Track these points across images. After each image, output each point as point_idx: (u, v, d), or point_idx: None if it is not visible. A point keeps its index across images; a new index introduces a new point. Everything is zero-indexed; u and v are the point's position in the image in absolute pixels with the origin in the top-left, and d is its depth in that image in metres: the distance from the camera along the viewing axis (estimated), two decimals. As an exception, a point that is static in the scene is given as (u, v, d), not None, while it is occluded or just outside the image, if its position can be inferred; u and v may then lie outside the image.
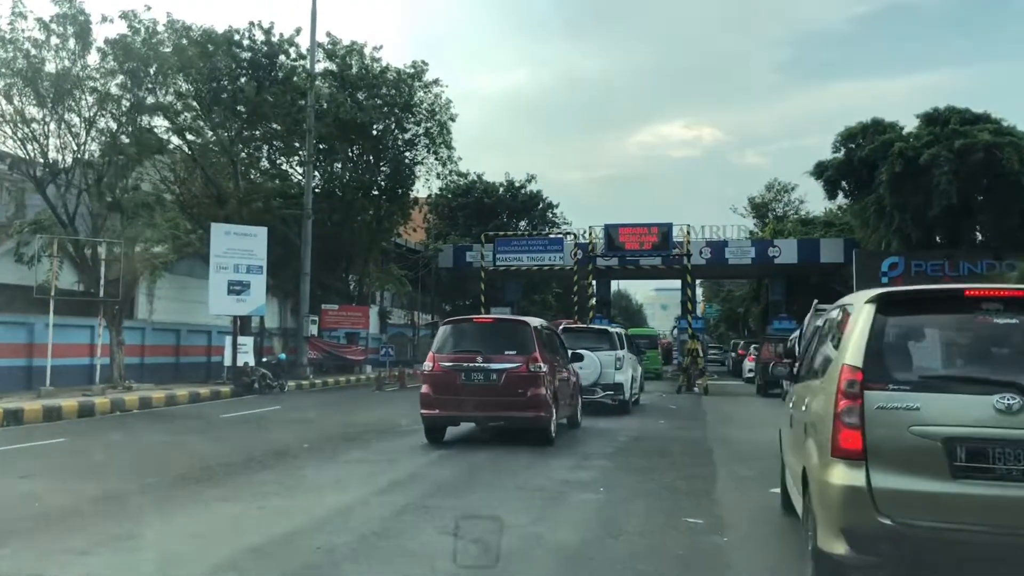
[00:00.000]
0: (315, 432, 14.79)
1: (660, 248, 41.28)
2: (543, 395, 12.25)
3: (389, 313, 47.58)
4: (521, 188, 56.59)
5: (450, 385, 12.28)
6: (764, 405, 23.94)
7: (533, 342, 12.57)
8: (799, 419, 6.85)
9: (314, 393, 27.86)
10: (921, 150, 37.13)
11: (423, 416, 12.61)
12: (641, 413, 19.66)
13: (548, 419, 12.37)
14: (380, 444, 12.97)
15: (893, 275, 40.12)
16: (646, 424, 16.73)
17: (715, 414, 19.60)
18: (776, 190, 62.52)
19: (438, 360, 12.53)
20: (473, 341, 12.74)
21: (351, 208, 37.65)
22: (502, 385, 12.09)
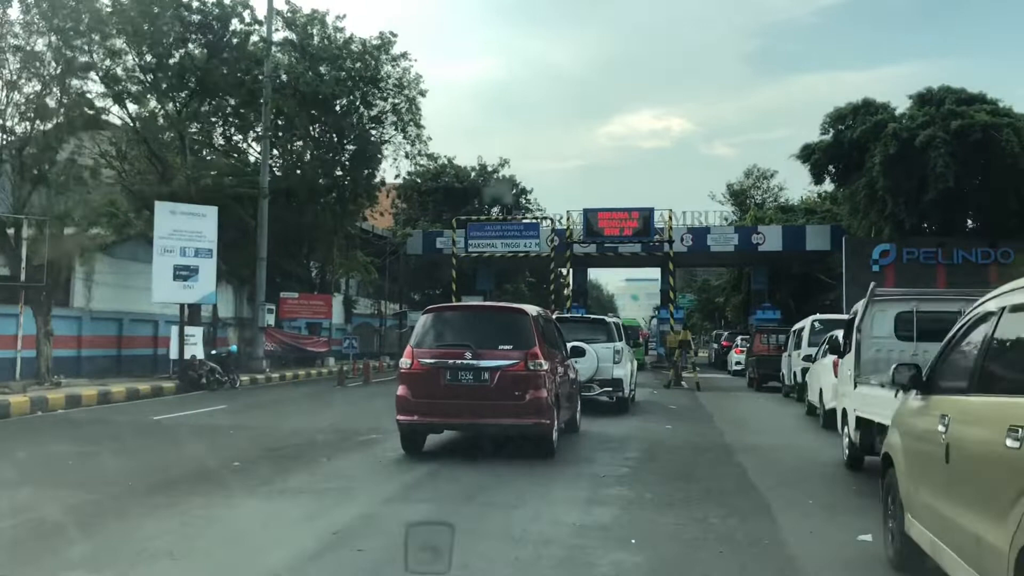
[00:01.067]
0: (256, 442, 12.07)
1: (641, 234, 38.70)
2: (544, 398, 10.10)
3: (354, 302, 44.65)
4: (493, 173, 53.90)
5: (432, 386, 10.13)
6: (768, 402, 21.66)
7: (532, 334, 10.35)
8: (970, 453, 4.28)
9: (269, 389, 25.03)
10: (916, 131, 34.89)
11: (399, 423, 10.39)
12: (641, 413, 17.19)
13: (550, 427, 10.26)
14: (333, 462, 10.21)
15: (884, 263, 37.95)
16: (651, 428, 14.23)
17: (721, 415, 17.15)
18: (755, 176, 60.31)
19: (418, 355, 10.31)
20: (460, 333, 10.51)
21: (312, 189, 34.68)
22: (495, 386, 9.95)
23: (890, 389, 8.27)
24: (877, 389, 9.08)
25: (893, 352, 10.03)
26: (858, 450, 9.81)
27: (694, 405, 19.42)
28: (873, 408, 9.03)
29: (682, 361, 26.55)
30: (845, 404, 10.53)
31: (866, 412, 9.33)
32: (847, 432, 10.26)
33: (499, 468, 9.60)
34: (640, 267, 54.94)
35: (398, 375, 10.56)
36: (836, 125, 39.09)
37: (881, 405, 8.70)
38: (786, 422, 16.71)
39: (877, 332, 10.19)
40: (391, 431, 12.71)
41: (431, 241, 44.18)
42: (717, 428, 14.39)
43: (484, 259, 41.22)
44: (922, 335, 9.91)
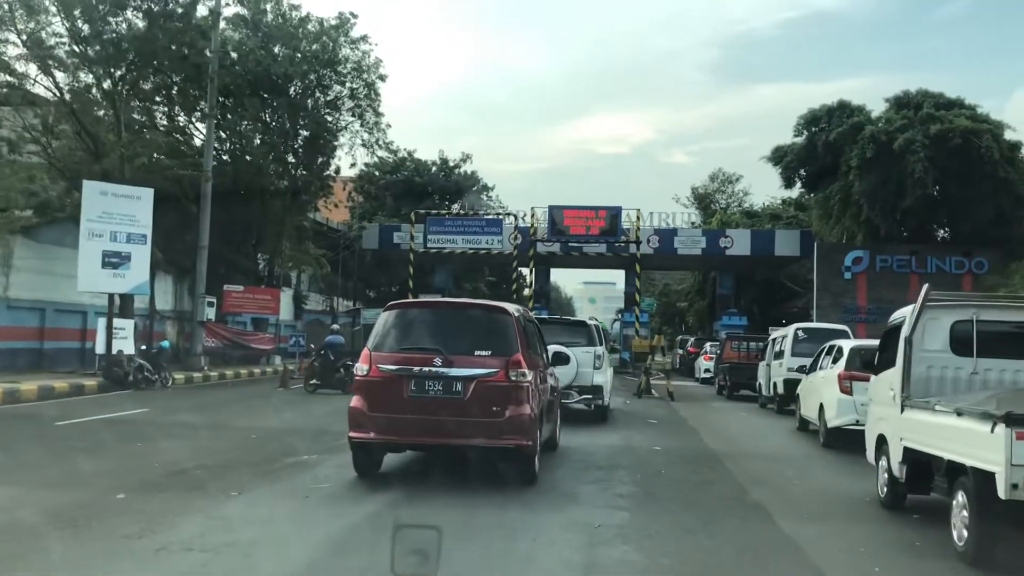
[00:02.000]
0: (161, 460, 9.73)
1: (608, 234, 36.75)
2: (527, 416, 8.42)
3: (305, 298, 42.05)
4: (455, 168, 51.62)
5: (393, 398, 8.35)
6: (750, 415, 19.84)
7: (515, 339, 8.63)
8: None
9: (203, 390, 22.53)
10: (894, 135, 33.36)
11: (351, 441, 8.55)
12: (620, 427, 15.20)
13: (532, 449, 8.59)
14: (246, 497, 7.88)
15: (857, 270, 36.45)
16: (637, 449, 12.17)
17: (707, 430, 15.19)
18: (720, 180, 58.70)
19: (377, 361, 8.49)
20: (429, 335, 8.77)
21: (262, 175, 32.16)
22: (469, 400, 8.26)
23: (973, 419, 6.44)
24: (942, 416, 7.10)
25: (948, 369, 8.27)
26: (902, 487, 8.11)
27: (674, 418, 17.39)
28: (932, 439, 7.29)
29: (654, 367, 24.52)
30: (884, 430, 8.64)
31: (920, 443, 7.56)
32: (887, 464, 8.44)
33: (466, 505, 7.41)
34: (605, 268, 52.95)
35: (354, 384, 8.89)
36: (810, 127, 37.47)
37: (946, 436, 6.90)
38: (781, 441, 14.84)
39: (928, 345, 8.29)
40: (332, 449, 10.57)
41: (388, 235, 41.69)
42: (711, 449, 12.34)
43: (443, 256, 38.92)
44: (983, 350, 8.17)
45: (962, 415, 6.68)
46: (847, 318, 36.12)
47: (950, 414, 6.95)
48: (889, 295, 36.39)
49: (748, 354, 27.11)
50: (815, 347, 18.51)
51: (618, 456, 11.09)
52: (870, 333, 35.39)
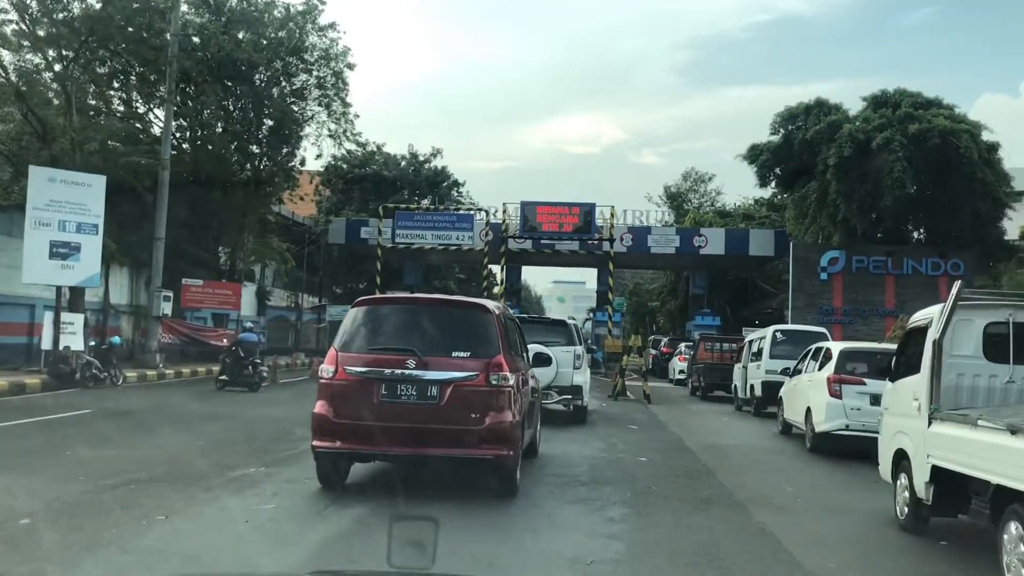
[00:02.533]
0: (88, 471, 8.49)
1: (581, 231, 35.75)
2: (509, 423, 7.65)
3: (269, 293, 40.65)
4: (425, 163, 50.36)
5: (362, 403, 7.57)
6: (731, 419, 18.96)
7: (496, 338, 7.85)
8: None
9: (155, 389, 21.17)
10: (873, 133, 32.66)
11: (315, 450, 7.77)
12: (600, 430, 14.26)
13: (514, 460, 7.85)
14: (180, 520, 6.67)
15: (833, 271, 35.72)
16: (619, 453, 11.21)
17: (691, 437, 14.19)
18: (693, 180, 57.92)
19: (344, 362, 7.71)
20: (402, 334, 7.97)
21: (223, 165, 30.78)
22: (446, 406, 7.53)
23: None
24: (988, 433, 6.12)
25: (980, 377, 7.48)
26: (927, 509, 7.19)
27: (654, 423, 16.37)
28: (972, 459, 6.34)
29: (626, 368, 23.45)
30: (904, 445, 7.69)
31: (954, 462, 6.62)
32: (907, 483, 7.50)
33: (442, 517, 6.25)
34: (578, 267, 51.91)
35: (318, 387, 7.93)
36: (786, 125, 36.69)
37: (994, 456, 5.96)
38: (769, 447, 13.93)
39: (959, 350, 7.45)
40: (284, 461, 9.44)
41: (355, 230, 40.30)
42: (699, 459, 11.30)
43: (412, 251, 37.69)
44: (1020, 356, 7.37)
45: (1018, 433, 5.69)
46: (822, 319, 35.42)
47: (999, 431, 5.95)
48: (865, 296, 35.85)
49: (722, 355, 26.79)
50: (793, 349, 18.27)
51: (602, 468, 10.02)
52: (846, 335, 34.79)
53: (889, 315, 35.13)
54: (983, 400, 7.27)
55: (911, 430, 7.48)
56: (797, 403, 14.28)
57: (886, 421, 8.48)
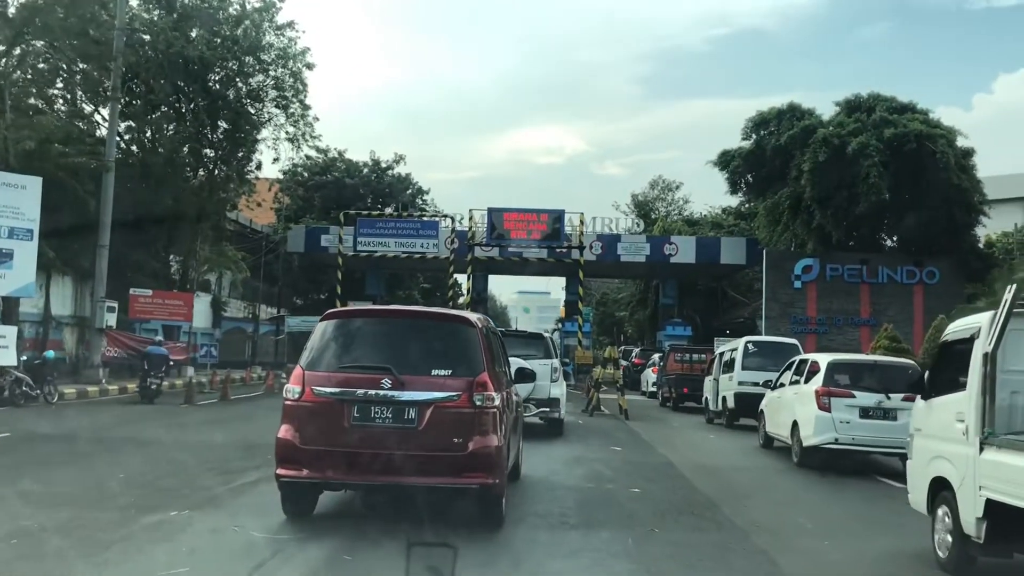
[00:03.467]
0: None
1: (550, 238, 34.44)
2: (494, 448, 6.92)
3: (225, 304, 38.75)
4: (388, 169, 48.78)
5: (332, 427, 6.84)
6: (717, 436, 17.62)
7: (479, 354, 7.13)
8: None
9: (91, 406, 19.34)
10: (848, 138, 31.73)
11: (279, 479, 7.01)
12: (581, 453, 12.82)
13: (500, 488, 7.10)
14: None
15: (807, 279, 34.71)
16: (608, 483, 9.78)
17: (677, 455, 12.97)
18: (660, 188, 56.89)
19: (312, 382, 6.97)
20: (376, 350, 7.25)
21: (174, 168, 29.03)
22: (425, 429, 6.79)
23: None
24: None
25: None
26: (976, 548, 6.19)
27: (637, 442, 15.00)
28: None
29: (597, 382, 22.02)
30: (946, 473, 6.66)
31: (1017, 497, 5.60)
32: (949, 517, 6.51)
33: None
34: (546, 275, 50.59)
35: (282, 408, 7.11)
36: (758, 130, 35.66)
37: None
38: (760, 465, 12.95)
39: (1012, 364, 6.39)
40: (214, 499, 7.94)
41: (315, 238, 38.54)
42: (697, 489, 9.92)
43: (375, 260, 36.05)
44: None
45: None
46: (797, 329, 34.40)
47: None
48: (840, 305, 34.86)
49: (692, 365, 26.30)
50: (765, 361, 18.17)
51: (593, 504, 8.60)
52: (820, 345, 33.74)
53: (864, 324, 34.22)
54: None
55: (955, 456, 6.46)
56: (782, 416, 13.68)
57: (919, 444, 7.40)
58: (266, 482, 8.90)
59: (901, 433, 11.00)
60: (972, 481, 6.13)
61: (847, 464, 12.17)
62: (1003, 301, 6.15)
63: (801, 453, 12.39)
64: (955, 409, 6.58)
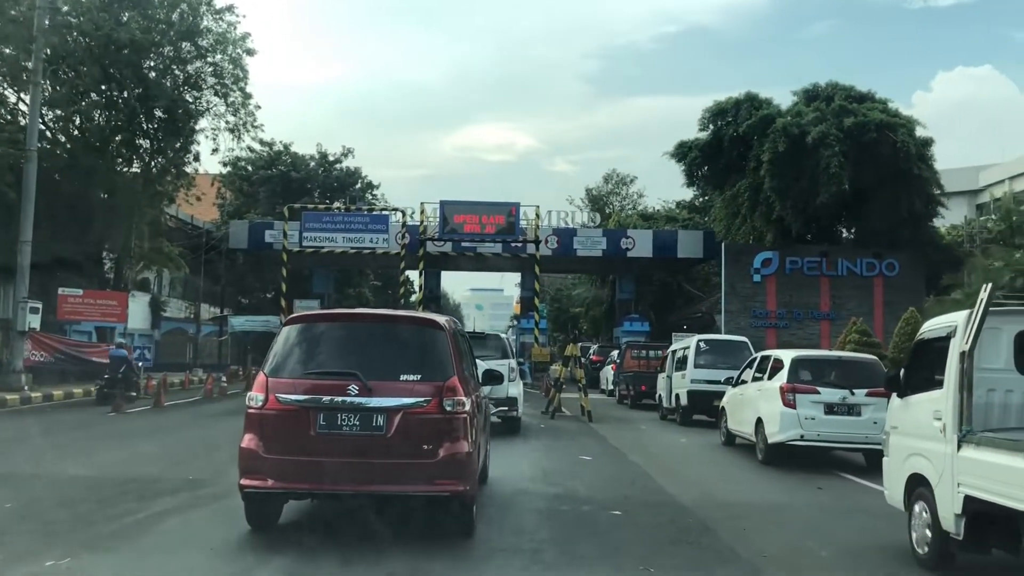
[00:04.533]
0: None
1: (505, 232, 33.01)
2: (465, 454, 6.72)
3: (164, 304, 36.78)
4: (336, 163, 47.04)
5: (297, 436, 6.61)
6: (674, 433, 16.70)
7: (449, 358, 6.95)
8: None
9: (11, 417, 17.53)
10: (807, 128, 30.90)
11: (243, 490, 6.73)
12: (548, 460, 11.75)
13: (471, 495, 6.89)
14: None
15: (766, 272, 33.87)
16: (582, 501, 8.54)
17: (651, 463, 11.79)
18: (615, 182, 55.92)
19: (275, 389, 6.71)
20: (342, 355, 7.05)
21: (105, 159, 27.13)
22: (394, 437, 6.56)
23: None
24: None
25: (1014, 394, 6.63)
26: (955, 544, 6.25)
27: (606, 449, 13.73)
28: (1016, 490, 5.44)
29: (560, 383, 20.76)
30: (923, 470, 6.69)
31: (998, 493, 5.68)
32: (927, 514, 6.55)
33: None
34: (501, 271, 49.28)
35: (245, 416, 6.85)
36: (715, 121, 34.69)
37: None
38: (742, 470, 11.92)
39: (987, 362, 6.57)
40: (115, 535, 6.49)
41: (259, 234, 36.66)
42: (684, 507, 8.67)
43: (322, 256, 34.34)
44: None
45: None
46: (757, 323, 33.59)
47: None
48: (800, 299, 34.07)
49: (649, 362, 25.46)
50: (717, 359, 18.58)
51: (570, 532, 7.31)
52: (781, 340, 32.94)
53: (824, 318, 33.51)
54: (1016, 419, 6.47)
55: (933, 454, 6.53)
56: (745, 414, 13.53)
57: (895, 442, 7.41)
58: (177, 513, 7.50)
59: (865, 429, 11.45)
60: (950, 478, 6.19)
61: (809, 461, 12.02)
62: (979, 300, 6.19)
63: (766, 450, 12.23)
64: (932, 407, 6.60)
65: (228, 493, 8.69)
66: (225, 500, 8.34)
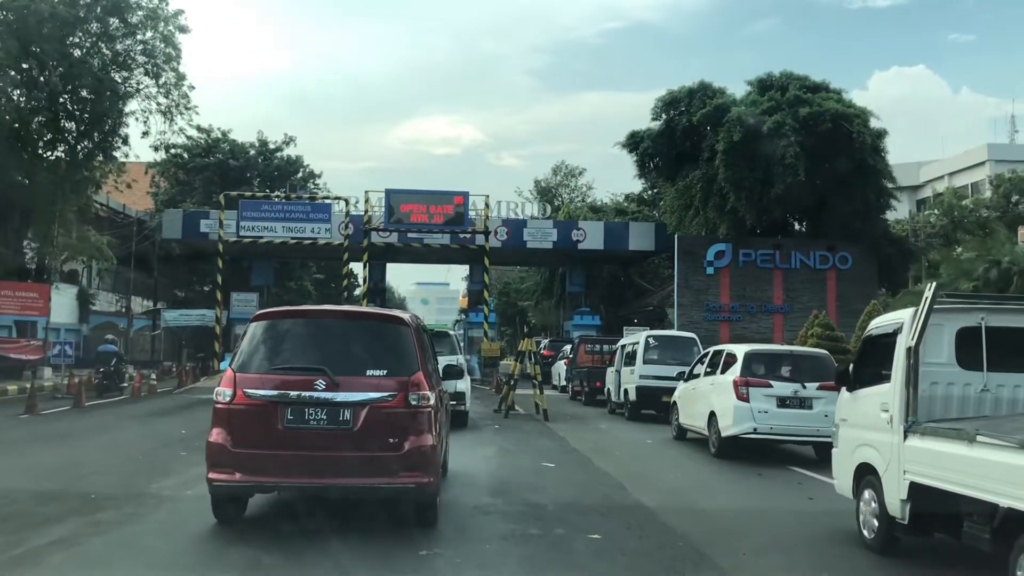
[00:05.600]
0: None
1: (454, 222, 31.82)
2: (429, 447, 6.74)
3: (93, 297, 34.69)
4: (277, 151, 45.17)
5: (265, 430, 6.61)
6: (637, 432, 15.41)
7: (414, 354, 7.00)
8: None
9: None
10: (762, 117, 30.17)
11: (211, 483, 6.72)
12: (508, 468, 10.51)
13: (435, 487, 6.93)
14: None
15: (719, 265, 33.10)
16: (553, 521, 7.28)
17: (618, 468, 10.70)
18: (564, 174, 54.89)
19: (243, 384, 6.72)
20: (309, 351, 6.99)
21: (27, 143, 25.17)
22: (359, 430, 6.59)
23: None
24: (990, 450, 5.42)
25: (955, 386, 6.91)
26: (901, 528, 6.56)
27: (569, 454, 12.51)
28: (966, 477, 5.65)
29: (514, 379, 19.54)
30: (870, 459, 7.07)
31: (940, 479, 6.00)
32: (875, 501, 6.89)
33: None
34: (449, 263, 47.87)
35: (213, 413, 6.82)
36: (668, 110, 33.84)
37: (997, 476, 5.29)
38: (702, 466, 11.07)
39: (931, 357, 6.84)
40: None
41: (194, 223, 34.63)
42: (670, 528, 7.49)
43: (261, 247, 32.63)
44: (994, 362, 6.82)
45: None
46: (710, 316, 32.83)
47: (1008, 448, 5.24)
48: (753, 292, 33.36)
49: (602, 357, 24.31)
50: (667, 354, 18.53)
51: (541, 559, 6.14)
52: (734, 333, 32.19)
53: (777, 311, 32.91)
54: (957, 410, 6.77)
55: (879, 443, 6.92)
56: (697, 407, 13.55)
57: (844, 434, 7.76)
58: (67, 546, 6.12)
59: (817, 422, 11.53)
60: (897, 466, 6.53)
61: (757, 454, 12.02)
62: (924, 298, 6.48)
63: (719, 444, 12.23)
64: (880, 400, 6.94)
65: (135, 517, 7.34)
66: (129, 527, 7.00)
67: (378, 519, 7.11)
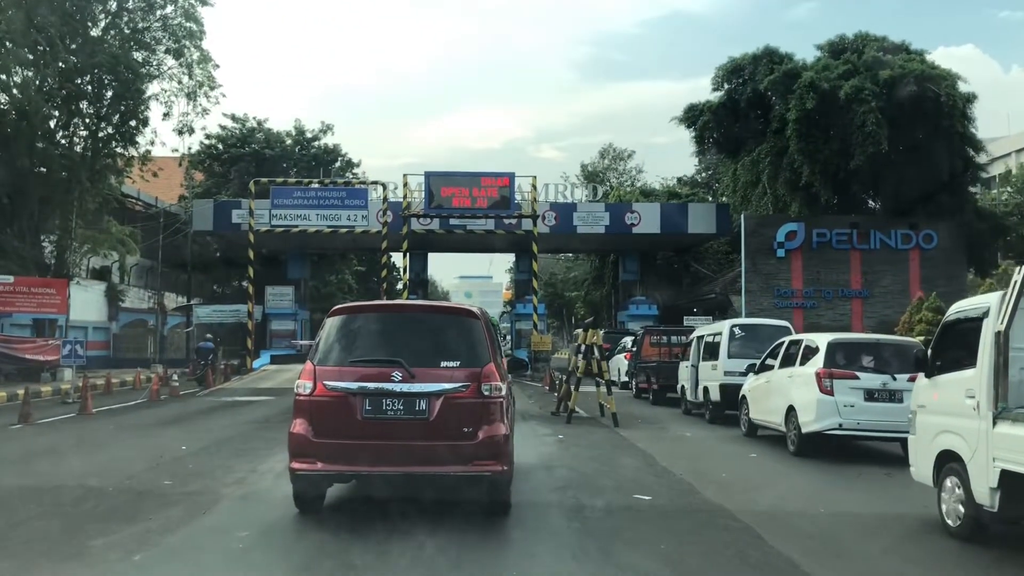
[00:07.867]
0: None
1: (499, 207, 29.09)
2: (502, 436, 6.87)
3: (123, 293, 32.60)
4: (314, 140, 42.88)
5: (344, 420, 6.81)
6: (738, 445, 12.55)
7: (485, 345, 7.12)
8: None
9: None
10: (838, 82, 26.99)
11: (293, 473, 6.92)
12: (585, 493, 7.70)
13: (508, 475, 7.06)
14: None
15: (791, 246, 29.89)
16: (665, 565, 4.53)
17: (739, 501, 7.84)
18: (611, 157, 51.87)
19: (323, 377, 6.89)
20: (385, 344, 7.17)
21: (31, 125, 22.99)
22: (435, 420, 6.75)
23: None
24: None
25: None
26: (989, 515, 6.23)
27: (659, 475, 9.68)
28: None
29: (576, 377, 16.78)
30: (954, 446, 6.70)
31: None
32: (960, 488, 6.56)
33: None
34: (494, 252, 45.09)
35: (295, 404, 7.00)
36: (730, 79, 30.79)
37: None
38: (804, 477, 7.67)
39: (1019, 341, 6.22)
40: None
41: (225, 214, 32.28)
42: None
43: (294, 236, 30.20)
44: None
45: None
46: (781, 303, 29.66)
47: None
48: (828, 276, 30.05)
49: (671, 349, 21.73)
50: (755, 346, 15.63)
51: None
52: (808, 322, 28.94)
53: (856, 297, 29.68)
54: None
55: (964, 430, 6.66)
56: (772, 402, 12.49)
57: (923, 420, 7.48)
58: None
59: (907, 416, 10.20)
60: (985, 453, 6.34)
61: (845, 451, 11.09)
62: (1013, 282, 6.33)
63: (799, 441, 11.33)
64: (964, 386, 6.72)
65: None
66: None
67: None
